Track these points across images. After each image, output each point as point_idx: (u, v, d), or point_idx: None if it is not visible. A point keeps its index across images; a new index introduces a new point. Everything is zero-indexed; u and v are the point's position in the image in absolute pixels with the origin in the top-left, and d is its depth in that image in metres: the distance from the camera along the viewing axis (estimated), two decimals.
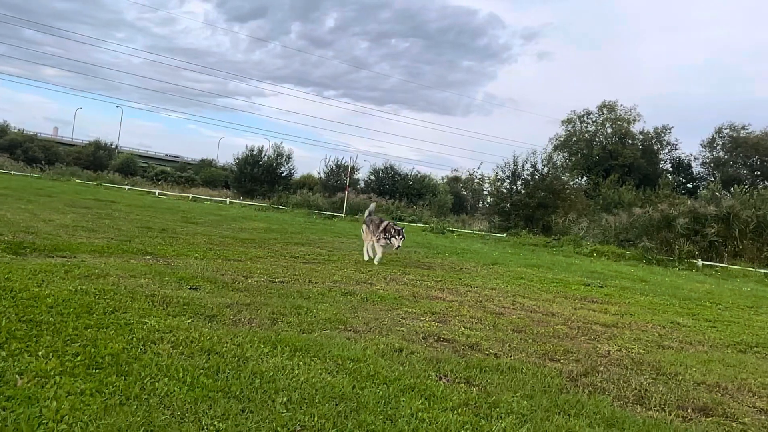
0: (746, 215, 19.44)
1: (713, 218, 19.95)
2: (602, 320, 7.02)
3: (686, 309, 8.93)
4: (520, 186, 25.05)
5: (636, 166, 48.49)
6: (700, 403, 3.90)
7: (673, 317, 7.96)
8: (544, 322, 6.42)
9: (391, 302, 6.37)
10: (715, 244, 19.54)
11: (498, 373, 3.93)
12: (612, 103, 52.26)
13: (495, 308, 6.97)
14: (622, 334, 6.31)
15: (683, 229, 19.88)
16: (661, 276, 14.68)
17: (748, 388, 4.52)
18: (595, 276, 12.56)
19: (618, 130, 51.38)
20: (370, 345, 4.26)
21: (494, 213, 26.65)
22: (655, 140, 52.23)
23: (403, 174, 39.64)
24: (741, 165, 49.69)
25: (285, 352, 3.75)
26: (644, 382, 4.28)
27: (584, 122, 53.15)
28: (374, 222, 10.79)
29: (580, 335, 5.97)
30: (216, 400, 2.79)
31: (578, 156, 50.92)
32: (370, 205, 12.05)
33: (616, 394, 3.91)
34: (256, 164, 38.51)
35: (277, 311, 5.07)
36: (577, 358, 4.82)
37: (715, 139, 50.29)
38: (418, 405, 3.06)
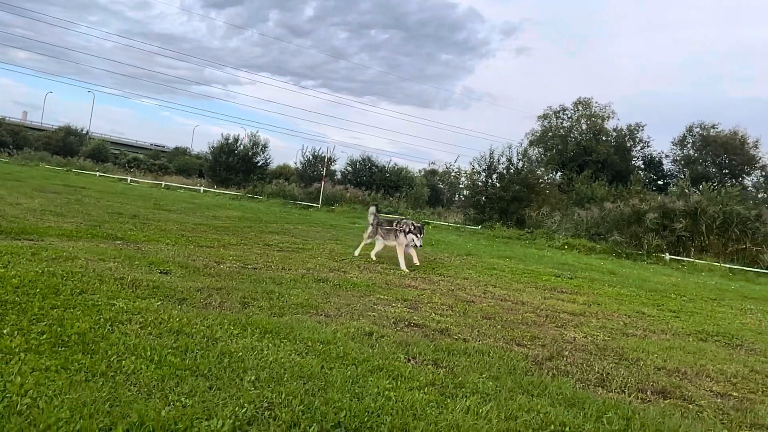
0: (713, 211, 19.95)
1: (681, 213, 20.44)
2: (570, 309, 7.17)
3: (652, 300, 9.17)
4: (496, 179, 25.30)
5: (609, 163, 49.28)
6: (659, 386, 4.04)
7: (638, 307, 8.16)
8: (514, 310, 6.54)
9: (363, 289, 6.42)
10: (682, 238, 20.01)
11: (465, 356, 4.01)
12: (587, 100, 53.01)
13: (466, 296, 7.07)
14: (588, 322, 6.46)
15: (652, 224, 20.32)
16: (629, 269, 15.00)
17: (707, 374, 4.68)
18: (566, 268, 12.79)
19: (592, 127, 52.13)
20: (341, 328, 4.30)
21: (469, 206, 26.88)
22: (628, 137, 53.10)
23: (380, 166, 39.64)
24: (710, 163, 50.84)
25: (255, 334, 3.77)
26: (607, 366, 4.40)
27: (560, 118, 53.80)
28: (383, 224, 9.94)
29: (547, 323, 6.09)
30: (183, 378, 2.80)
31: (553, 151, 51.55)
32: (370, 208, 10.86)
33: (579, 376, 4.03)
34: (232, 153, 38.06)
35: (248, 296, 5.07)
36: (543, 344, 4.93)
37: (686, 137, 51.36)
38: (385, 384, 3.12)
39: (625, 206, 22.01)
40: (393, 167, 40.52)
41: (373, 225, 10.10)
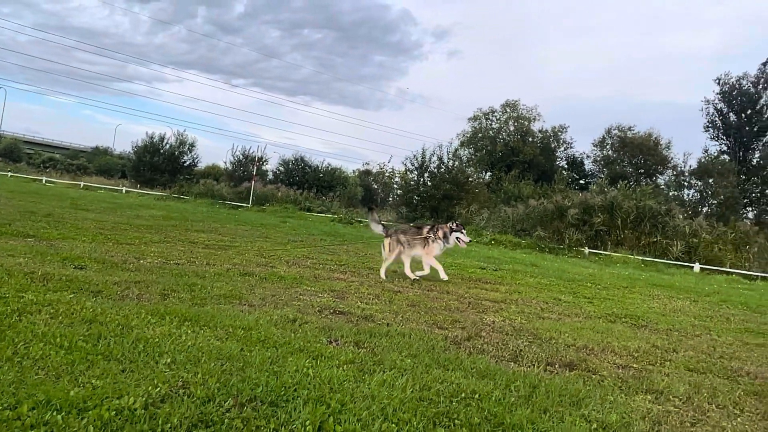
0: (627, 206, 21.24)
1: (600, 209, 21.64)
2: (492, 297, 7.47)
3: (569, 288, 9.68)
4: (427, 178, 25.81)
5: (535, 163, 51.23)
6: (567, 360, 4.31)
7: (556, 295, 8.60)
8: (438, 299, 6.75)
9: (290, 282, 6.43)
10: (600, 233, 21.19)
11: (387, 338, 4.13)
12: (515, 102, 54.85)
13: (393, 287, 7.22)
14: (508, 308, 6.76)
15: (574, 220, 21.40)
16: (551, 262, 15.74)
17: (611, 350, 5.03)
18: (491, 261, 13.25)
19: (520, 128, 54.01)
20: (264, 316, 4.31)
21: (402, 204, 27.30)
22: (553, 138, 55.39)
23: (313, 166, 39.45)
24: (627, 163, 53.82)
25: (173, 322, 3.72)
26: (521, 345, 4.65)
27: (489, 119, 55.39)
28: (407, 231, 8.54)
29: (469, 309, 6.33)
30: (95, 362, 2.75)
31: (483, 152, 53.00)
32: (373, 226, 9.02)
33: (494, 353, 4.23)
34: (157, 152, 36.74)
35: (168, 288, 4.97)
36: (463, 326, 5.13)
37: (605, 139, 54.15)
38: (305, 363, 3.17)
39: (548, 203, 23.05)
40: (327, 167, 40.44)
41: (392, 236, 8.37)
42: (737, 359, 5.31)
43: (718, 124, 49.47)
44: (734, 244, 19.99)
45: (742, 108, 47.92)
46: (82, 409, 2.21)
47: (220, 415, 2.34)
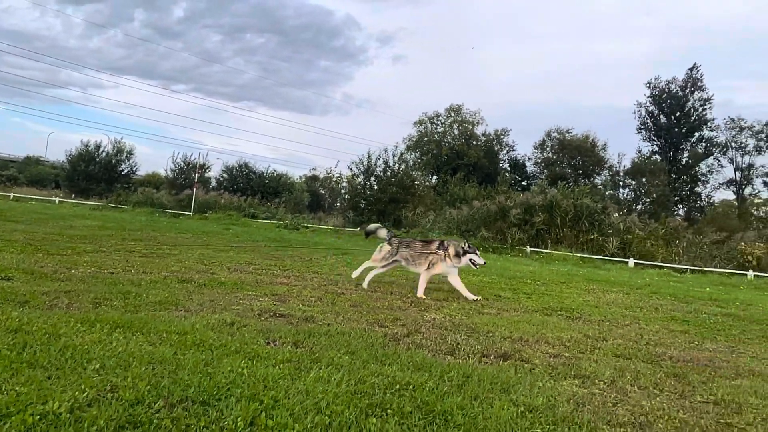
0: (566, 204, 22.03)
1: (540, 208, 22.37)
2: (434, 296, 7.62)
3: (509, 285, 9.96)
4: (374, 182, 25.96)
5: (479, 165, 52.36)
6: (501, 351, 4.46)
7: (497, 291, 8.86)
8: (382, 299, 6.83)
9: (231, 287, 6.35)
10: (541, 232, 21.89)
11: (326, 337, 4.16)
12: (459, 107, 55.94)
13: (337, 290, 7.25)
14: (449, 305, 6.91)
15: (516, 219, 22.02)
16: (494, 261, 16.12)
17: (545, 340, 5.23)
18: None
19: (464, 132, 55.10)
20: (200, 321, 4.26)
21: (349, 208, 27.35)
22: (495, 142, 56.78)
23: (258, 172, 38.97)
24: (566, 164, 55.79)
25: (104, 329, 3.63)
26: (458, 339, 4.78)
27: (434, 124, 56.25)
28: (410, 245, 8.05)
29: (412, 307, 6.44)
30: (20, 370, 2.67)
31: (429, 155, 53.74)
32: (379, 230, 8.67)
33: (431, 348, 4.34)
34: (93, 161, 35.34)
35: (101, 297, 4.84)
36: (404, 324, 5.22)
37: (546, 141, 56.00)
38: (240, 364, 3.17)
39: (492, 204, 23.62)
40: (272, 173, 40.01)
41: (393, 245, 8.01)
42: (662, 345, 5.63)
43: (649, 126, 51.95)
44: (665, 240, 21.08)
45: (671, 110, 50.54)
46: (4, 415, 2.15)
47: (149, 416, 2.32)
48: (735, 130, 50.21)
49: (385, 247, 8.10)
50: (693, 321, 7.57)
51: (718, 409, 3.43)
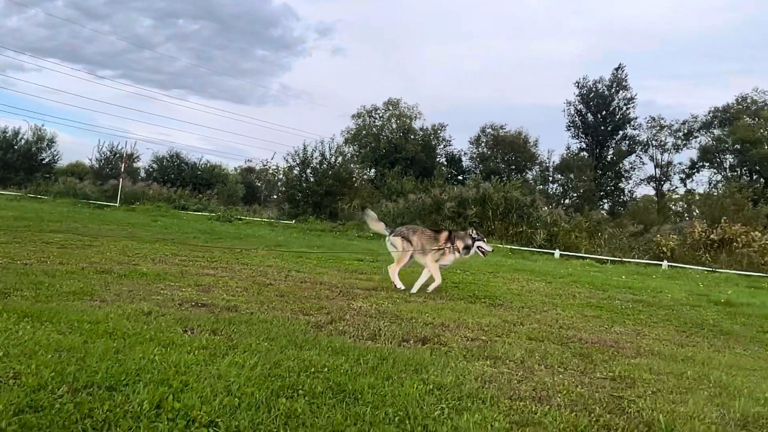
0: (497, 198, 22.71)
1: (473, 201, 22.95)
2: (365, 285, 7.71)
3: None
4: (310, 174, 25.80)
5: (417, 159, 52.97)
6: (421, 336, 4.61)
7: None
8: (310, 289, 6.85)
9: (153, 278, 6.20)
10: (473, 224, 22.45)
11: (246, 325, 4.17)
12: (396, 101, 56.31)
13: (265, 280, 7.21)
14: (378, 294, 7.02)
15: (450, 212, 22.51)
16: None
17: (466, 326, 5.43)
18: (370, 253, 13.59)
19: (402, 126, 55.57)
20: (116, 310, 4.17)
21: (284, 200, 27.06)
22: (433, 136, 57.60)
23: (190, 163, 37.79)
24: (500, 160, 57.35)
25: (11, 319, 3.50)
26: (381, 325, 4.89)
27: (372, 117, 56.40)
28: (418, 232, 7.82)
29: (339, 297, 6.50)
30: None
31: (367, 149, 53.87)
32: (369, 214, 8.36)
33: (353, 334, 4.43)
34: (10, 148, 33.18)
35: (11, 287, 4.63)
36: (328, 312, 5.29)
37: (481, 137, 57.31)
38: (153, 351, 3.14)
39: (427, 197, 24.01)
40: (205, 164, 38.91)
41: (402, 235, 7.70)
42: (574, 329, 5.97)
43: (578, 124, 54.04)
44: (588, 232, 22.13)
45: (598, 109, 52.80)
46: None
47: (51, 400, 2.28)
48: (655, 128, 53.15)
49: (397, 241, 7.70)
50: (606, 307, 8.03)
51: (614, 384, 3.71)
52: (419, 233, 7.83)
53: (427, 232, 7.95)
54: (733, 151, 48.29)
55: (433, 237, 7.82)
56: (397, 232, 7.88)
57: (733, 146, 47.75)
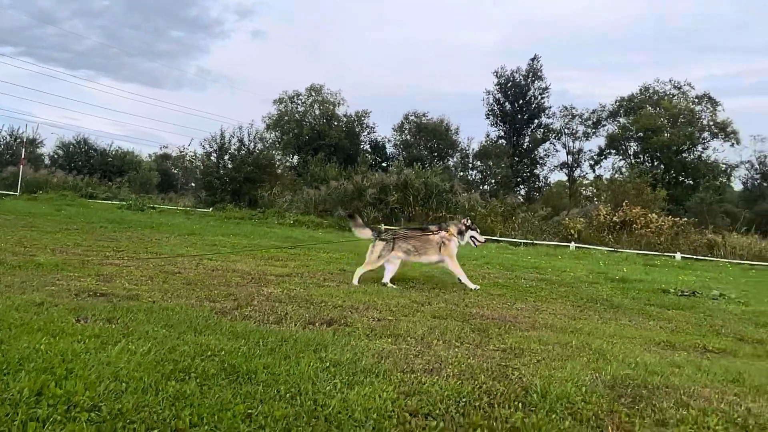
0: (418, 184, 23.17)
1: (395, 188, 23.30)
2: (279, 272, 7.71)
3: (357, 260, 10.33)
4: (228, 161, 25.16)
5: (341, 146, 52.87)
6: (327, 318, 4.71)
7: (343, 266, 9.15)
8: (221, 277, 6.77)
9: (50, 268, 5.92)
10: (395, 210, 22.83)
11: (145, 313, 4.09)
12: (320, 87, 55.80)
13: (174, 269, 7.04)
14: (291, 280, 7.05)
15: (371, 199, 22.73)
16: (348, 238, 16.58)
17: (375, 307, 5.58)
18: (289, 240, 13.56)
19: (325, 112, 55.19)
20: (4, 302, 3.97)
21: (201, 188, 26.27)
22: (356, 123, 57.64)
23: (100, 149, 35.77)
24: (423, 147, 58.32)
25: None
26: (289, 309, 4.94)
27: (294, 103, 55.62)
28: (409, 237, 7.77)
29: (251, 283, 6.47)
30: None
31: (290, 135, 53.13)
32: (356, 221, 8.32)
33: (259, 319, 4.46)
34: None
35: None
36: (236, 298, 5.27)
37: (404, 124, 57.98)
38: (40, 340, 3.04)
39: (349, 184, 24.11)
40: (116, 150, 36.98)
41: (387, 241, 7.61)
42: (477, 306, 6.27)
43: (496, 112, 55.79)
44: (503, 216, 23.09)
45: (515, 98, 54.71)
46: None
47: None
48: (568, 117, 55.88)
49: (377, 245, 7.60)
50: (511, 286, 8.47)
51: (504, 355, 3.97)
52: (409, 237, 7.76)
53: (416, 233, 7.90)
54: (636, 138, 51.65)
55: (425, 235, 7.76)
56: (383, 237, 7.77)
57: (636, 134, 51.08)
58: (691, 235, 22.69)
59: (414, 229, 8.22)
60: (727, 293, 9.62)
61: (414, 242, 7.68)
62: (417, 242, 7.67)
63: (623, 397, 3.12)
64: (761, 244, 22.16)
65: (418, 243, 7.67)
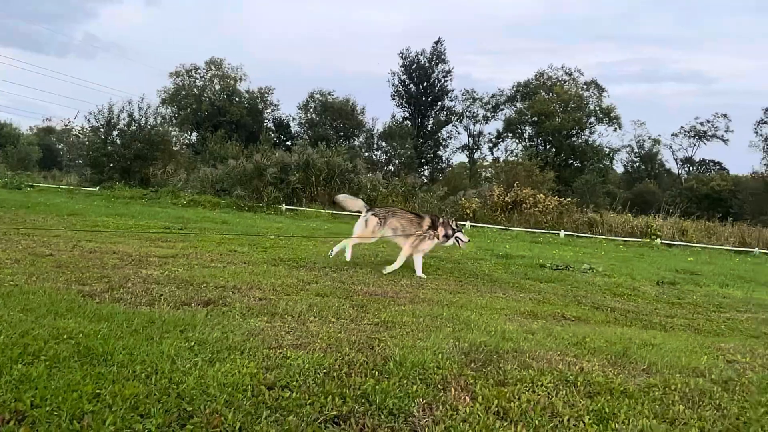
0: (320, 163, 23.11)
1: (296, 167, 23.08)
2: (164, 253, 7.47)
3: (249, 241, 10.23)
4: (117, 136, 23.65)
5: (243, 123, 51.34)
6: (205, 299, 4.67)
7: (234, 247, 8.99)
8: (97, 259, 6.46)
9: None
10: (296, 190, 22.66)
11: (3, 298, 3.87)
12: (220, 60, 53.65)
13: (45, 251, 6.63)
14: (176, 261, 6.87)
15: (272, 178, 22.38)
16: (246, 219, 16.30)
17: (258, 287, 5.59)
18: (181, 221, 13.10)
19: (226, 87, 53.22)
20: None
21: (87, 165, 24.55)
22: (259, 100, 56.14)
23: None
24: (329, 126, 57.98)
25: None
26: (165, 291, 4.84)
27: (192, 77, 53.13)
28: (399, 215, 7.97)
29: (129, 265, 6.24)
30: None
31: (188, 110, 50.80)
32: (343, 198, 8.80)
33: (130, 301, 4.35)
34: None
35: None
36: (108, 281, 5.08)
37: (309, 102, 57.24)
38: None
39: (248, 163, 23.56)
40: None
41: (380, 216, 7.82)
42: (363, 283, 6.46)
43: (401, 94, 56.53)
44: (404, 196, 23.63)
45: (420, 80, 55.67)
46: None
47: None
48: (469, 101, 57.94)
49: (371, 220, 7.78)
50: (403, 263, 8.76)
51: (375, 328, 4.16)
52: (399, 216, 7.92)
53: (408, 215, 8.02)
54: (531, 123, 54.53)
55: (415, 222, 7.86)
56: (375, 212, 7.92)
57: (531, 118, 53.92)
58: (574, 214, 24.49)
59: (407, 212, 8.35)
60: (596, 267, 10.57)
61: (403, 222, 7.83)
62: (405, 224, 7.82)
63: (475, 361, 3.41)
64: (633, 221, 24.39)
65: (406, 225, 7.81)
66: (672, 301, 7.54)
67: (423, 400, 2.70)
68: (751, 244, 22.78)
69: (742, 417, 2.87)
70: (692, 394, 3.13)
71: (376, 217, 7.84)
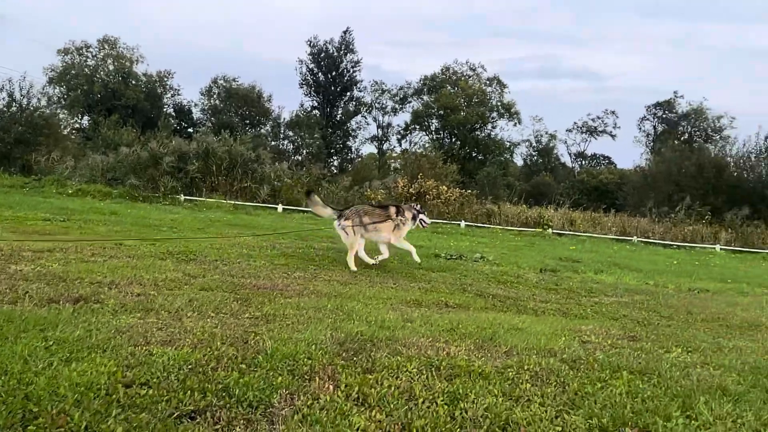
0: (221, 152, 22.41)
1: (195, 156, 22.24)
2: (39, 247, 7.01)
3: (140, 233, 9.82)
4: None
5: (140, 108, 48.57)
6: (76, 296, 4.46)
7: (121, 240, 8.58)
8: None
9: None
10: (196, 180, 21.85)
11: None
12: (114, 39, 50.36)
13: None
14: (52, 256, 6.47)
15: (169, 167, 21.42)
16: (139, 210, 15.53)
17: (138, 282, 5.39)
18: (64, 212, 12.27)
19: (121, 69, 50.08)
20: None
21: None
22: (158, 84, 53.38)
23: None
24: (234, 113, 56.22)
25: None
26: (33, 288, 4.57)
27: (83, 55, 49.52)
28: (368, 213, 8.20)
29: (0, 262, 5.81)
30: None
31: (78, 92, 47.28)
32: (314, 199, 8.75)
33: None
34: None
35: None
36: None
37: (212, 88, 55.18)
38: None
39: (143, 151, 22.40)
40: None
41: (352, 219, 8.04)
42: (253, 277, 6.42)
43: (310, 82, 55.92)
44: (309, 187, 23.52)
45: (328, 69, 55.31)
46: None
47: None
48: (378, 92, 58.41)
49: (347, 225, 8.07)
50: (299, 255, 8.76)
51: (254, 322, 4.18)
52: (370, 214, 8.20)
53: (376, 210, 8.36)
54: (438, 116, 56.00)
55: (383, 214, 8.23)
56: (346, 216, 8.12)
57: (438, 112, 55.37)
58: (474, 205, 25.55)
59: (373, 206, 8.83)
60: (487, 256, 11.14)
61: (373, 219, 8.14)
62: (376, 220, 8.14)
63: (347, 351, 3.53)
64: (528, 212, 25.86)
65: (378, 221, 8.14)
66: (549, 287, 8.12)
67: (286, 390, 2.77)
68: (630, 234, 24.94)
69: (581, 392, 3.19)
70: (542, 373, 3.43)
71: (350, 221, 8.10)
